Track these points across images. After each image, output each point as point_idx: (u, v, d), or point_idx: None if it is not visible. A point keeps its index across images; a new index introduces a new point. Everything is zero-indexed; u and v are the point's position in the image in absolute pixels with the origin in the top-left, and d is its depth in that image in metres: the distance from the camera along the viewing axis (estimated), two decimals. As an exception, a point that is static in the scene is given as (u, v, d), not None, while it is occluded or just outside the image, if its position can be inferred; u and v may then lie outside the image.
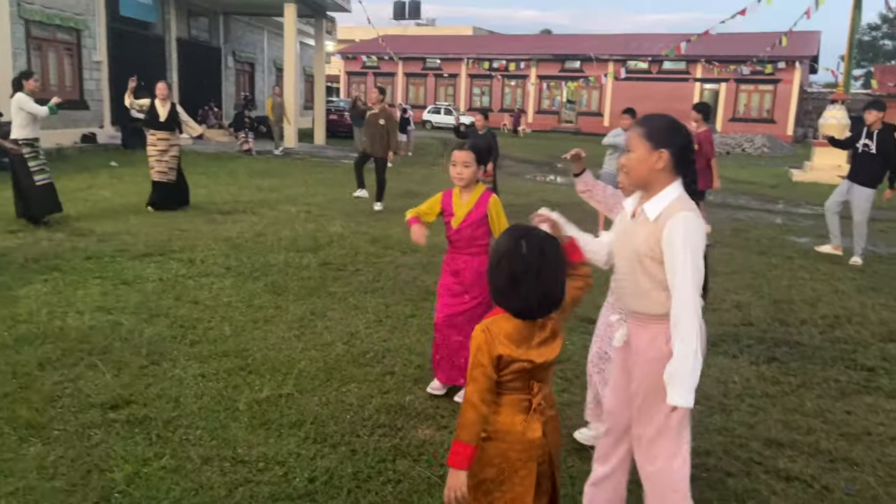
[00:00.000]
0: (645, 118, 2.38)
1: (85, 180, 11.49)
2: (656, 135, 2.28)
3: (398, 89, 45.74)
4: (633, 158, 2.32)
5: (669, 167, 2.27)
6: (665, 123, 2.32)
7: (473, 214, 3.65)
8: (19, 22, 14.60)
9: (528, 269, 1.91)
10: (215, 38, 24.73)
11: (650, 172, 2.28)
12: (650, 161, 2.27)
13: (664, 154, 2.26)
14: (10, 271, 5.92)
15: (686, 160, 2.32)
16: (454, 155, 3.63)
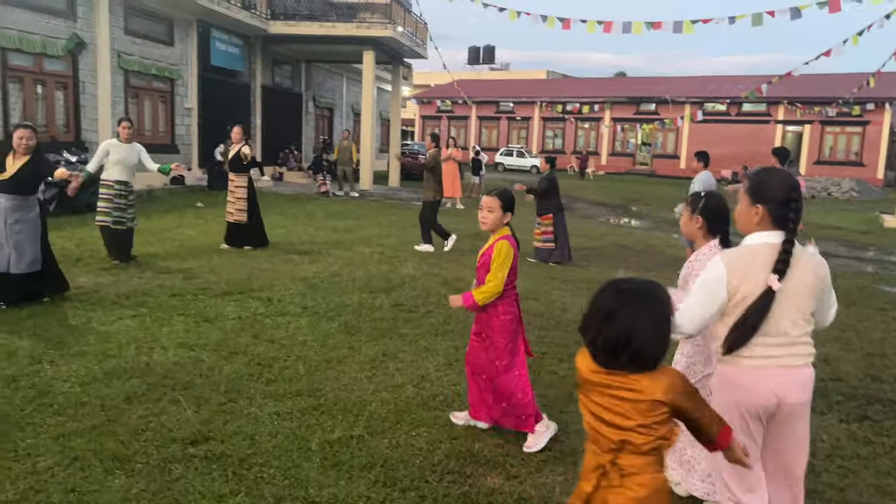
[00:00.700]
0: (753, 173, 2.59)
1: (173, 220, 12.08)
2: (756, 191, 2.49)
3: (471, 132, 46.37)
4: (738, 209, 2.57)
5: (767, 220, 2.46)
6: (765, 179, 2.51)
7: (485, 257, 3.78)
8: (119, 72, 15.68)
9: (600, 308, 1.90)
10: (297, 84, 25.83)
11: (748, 225, 2.52)
12: (749, 214, 2.50)
13: (759, 209, 2.47)
14: (102, 307, 6.26)
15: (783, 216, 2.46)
16: (482, 200, 3.77)
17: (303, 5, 22.68)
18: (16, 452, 3.46)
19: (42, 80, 13.57)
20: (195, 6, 17.57)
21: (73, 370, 4.60)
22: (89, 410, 3.98)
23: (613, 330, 1.89)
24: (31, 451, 3.47)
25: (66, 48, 13.91)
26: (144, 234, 10.38)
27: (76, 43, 14.14)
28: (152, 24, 16.98)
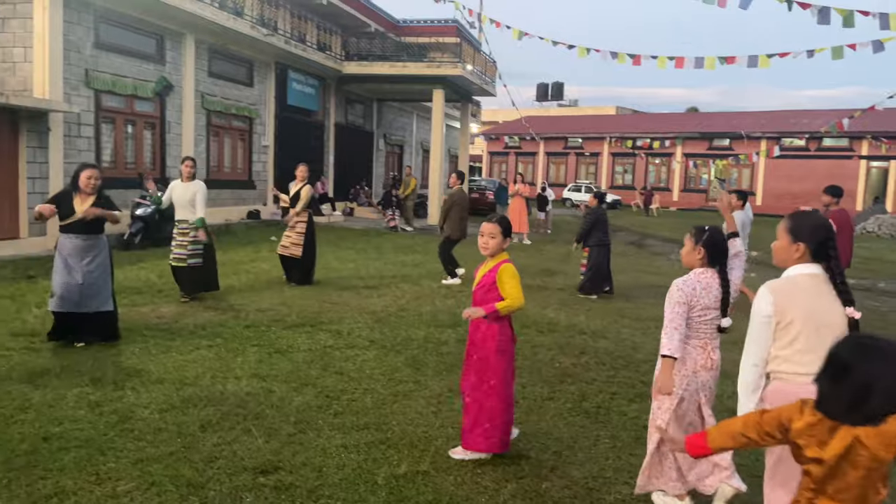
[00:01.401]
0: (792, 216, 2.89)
1: (248, 254, 12.50)
2: (797, 230, 2.81)
3: (539, 168, 46.38)
4: (777, 245, 2.87)
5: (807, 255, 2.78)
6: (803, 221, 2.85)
7: (487, 279, 3.97)
8: (202, 112, 16.49)
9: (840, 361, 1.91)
10: (369, 122, 26.53)
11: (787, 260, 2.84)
12: (790, 251, 2.82)
13: (801, 247, 2.79)
14: (181, 336, 6.51)
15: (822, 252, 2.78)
16: (483, 226, 3.99)
17: (375, 46, 23.39)
18: (97, 476, 3.61)
19: (132, 120, 14.40)
20: (274, 49, 18.39)
21: (152, 397, 4.79)
22: (166, 437, 4.13)
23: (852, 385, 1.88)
24: (112, 475, 3.62)
25: (155, 90, 14.74)
26: (221, 266, 10.74)
27: (164, 85, 14.98)
28: (234, 67, 17.84)
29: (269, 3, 18.58)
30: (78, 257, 6.02)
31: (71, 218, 6.00)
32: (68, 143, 12.45)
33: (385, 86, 23.53)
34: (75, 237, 6.04)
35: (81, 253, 6.05)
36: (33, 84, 11.86)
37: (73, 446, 3.94)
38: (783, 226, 2.86)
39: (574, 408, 4.99)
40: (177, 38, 15.32)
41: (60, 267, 5.99)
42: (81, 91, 12.80)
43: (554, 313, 8.46)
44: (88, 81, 12.93)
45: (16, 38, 11.91)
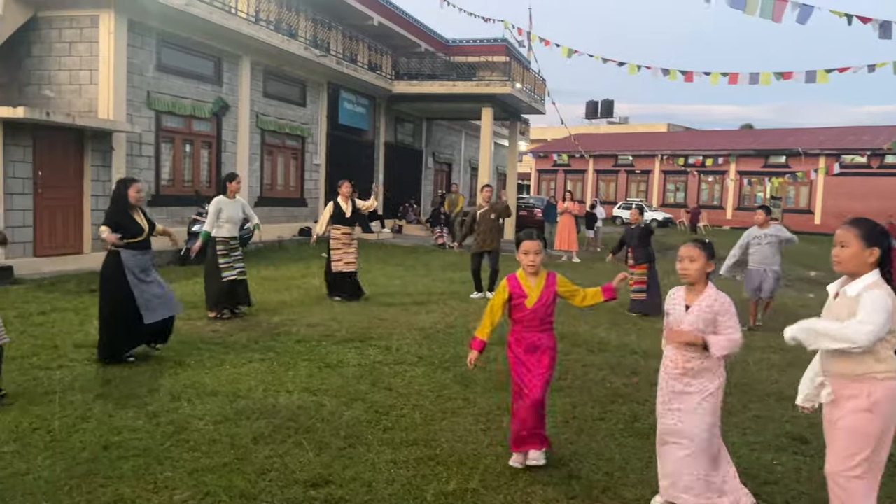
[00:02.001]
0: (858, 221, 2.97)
1: (300, 270, 12.71)
2: (871, 236, 2.91)
3: (588, 186, 46.03)
4: (848, 252, 2.93)
5: (876, 262, 2.90)
6: (879, 227, 2.96)
7: (546, 295, 4.04)
8: (256, 131, 16.92)
9: None
10: (418, 141, 26.80)
11: (861, 265, 2.91)
12: (864, 256, 2.90)
13: (875, 251, 2.89)
14: (235, 350, 6.64)
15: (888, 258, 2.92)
16: (526, 244, 4.07)
17: (425, 66, 23.68)
18: (155, 484, 3.70)
19: (190, 140, 14.87)
20: (326, 69, 18.78)
21: (207, 409, 4.90)
22: (220, 448, 4.21)
23: None
24: (169, 484, 3.70)
25: (212, 110, 15.21)
26: (273, 281, 10.98)
27: (221, 106, 15.44)
28: (287, 87, 18.28)
29: (322, 25, 19.02)
30: (144, 270, 6.23)
31: (142, 235, 6.19)
32: (130, 162, 12.91)
33: (434, 105, 23.77)
34: (141, 254, 6.22)
35: (146, 265, 6.28)
36: (98, 105, 12.37)
37: (132, 455, 4.05)
38: (853, 233, 2.91)
39: (626, 428, 4.90)
40: (233, 60, 15.79)
41: (137, 283, 6.12)
42: (143, 112, 13.29)
43: (605, 333, 8.35)
44: (150, 103, 13.42)
45: (82, 62, 12.46)
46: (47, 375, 5.60)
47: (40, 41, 12.64)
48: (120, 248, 6.11)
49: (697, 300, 3.45)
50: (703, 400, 3.42)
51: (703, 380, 3.43)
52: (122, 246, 6.10)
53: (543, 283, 4.07)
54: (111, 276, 6.15)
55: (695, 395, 3.43)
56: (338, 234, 10.01)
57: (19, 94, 12.73)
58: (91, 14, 12.30)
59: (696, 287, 3.48)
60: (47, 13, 12.51)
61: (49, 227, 11.34)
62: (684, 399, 3.45)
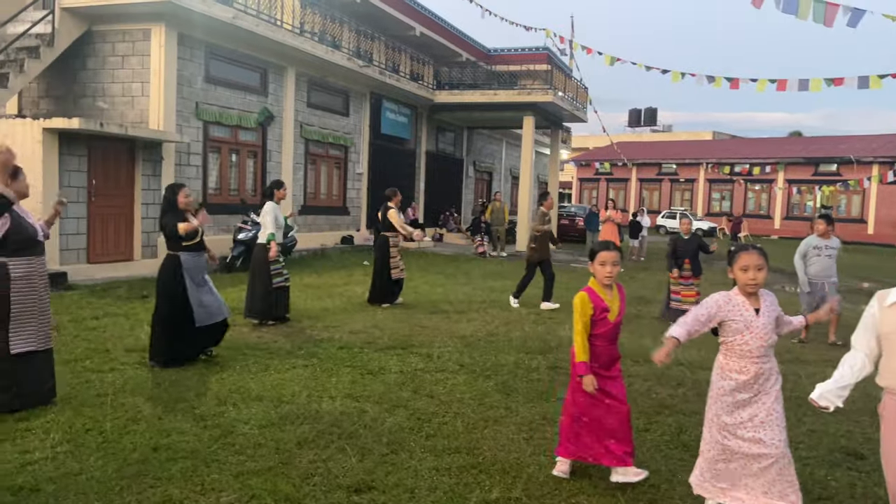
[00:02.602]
0: None
1: (342, 277, 12.83)
2: None
3: (630, 194, 45.49)
4: None
5: None
6: None
7: (623, 307, 4.04)
8: (301, 141, 17.18)
9: None
10: (459, 150, 26.87)
11: None
12: None
13: None
14: (279, 356, 6.73)
15: None
16: (603, 255, 3.95)
17: (466, 75, 23.77)
18: (202, 486, 3.76)
19: (236, 149, 15.18)
20: (369, 79, 18.99)
21: (252, 413, 4.97)
22: (265, 452, 4.26)
23: None
24: (216, 487, 3.76)
25: (258, 121, 15.50)
26: (316, 289, 11.10)
27: (266, 116, 15.73)
28: (331, 97, 18.53)
29: (365, 36, 19.26)
30: (200, 273, 6.39)
31: (197, 237, 6.36)
32: (178, 171, 13.24)
33: (475, 114, 23.82)
34: (197, 255, 6.41)
35: (203, 268, 6.45)
36: (149, 116, 12.73)
37: (180, 457, 4.13)
38: None
39: (672, 440, 4.81)
40: (279, 71, 16.09)
41: (194, 286, 6.27)
42: (191, 122, 13.62)
43: (650, 342, 8.20)
44: (198, 113, 13.75)
45: (134, 74, 12.84)
46: (99, 378, 5.75)
47: (94, 54, 13.07)
48: (175, 251, 6.30)
49: (760, 303, 3.47)
50: (775, 402, 3.43)
51: (772, 381, 3.47)
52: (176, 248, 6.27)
53: (618, 294, 4.04)
54: (169, 278, 6.31)
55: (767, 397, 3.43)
56: (396, 242, 10.33)
57: (74, 105, 13.18)
58: (143, 28, 12.68)
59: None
60: (101, 27, 12.94)
61: (101, 234, 11.68)
62: (756, 406, 3.42)
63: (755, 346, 3.42)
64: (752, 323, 3.42)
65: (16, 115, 12.76)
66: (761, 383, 3.44)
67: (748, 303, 3.47)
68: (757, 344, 3.42)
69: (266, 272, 8.27)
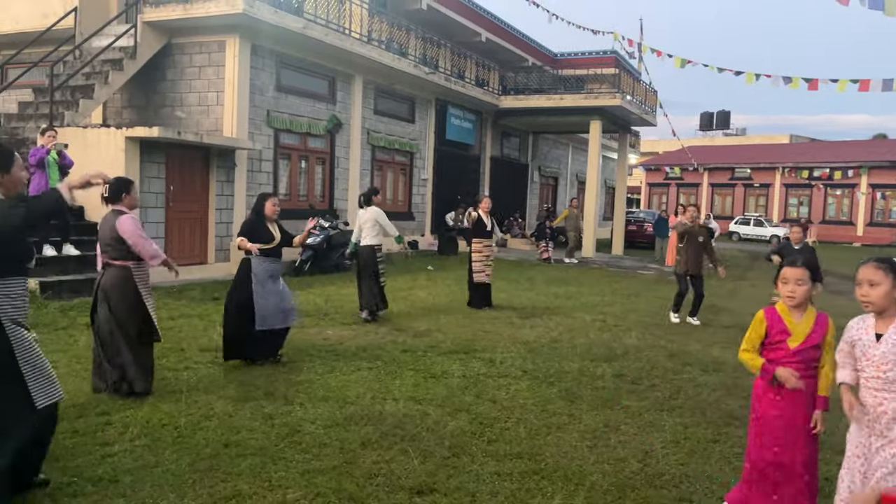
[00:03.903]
0: None
1: (407, 282, 12.96)
2: None
3: (702, 199, 44.27)
4: None
5: None
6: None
7: (815, 336, 3.33)
8: (367, 147, 17.47)
9: None
10: (524, 155, 26.76)
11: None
12: None
13: None
14: (344, 358, 6.86)
15: None
16: (786, 272, 3.37)
17: (532, 80, 23.69)
18: (269, 483, 3.87)
19: (305, 156, 15.55)
20: (435, 86, 19.15)
21: (318, 413, 5.08)
22: (330, 451, 4.35)
23: None
24: (282, 483, 3.86)
25: (326, 128, 15.85)
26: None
27: (335, 123, 16.07)
28: (397, 105, 18.78)
29: (431, 43, 19.44)
30: (272, 279, 6.57)
31: (272, 243, 6.55)
32: (250, 178, 13.66)
33: (541, 118, 23.69)
34: (271, 261, 6.59)
35: (276, 274, 6.63)
36: (223, 124, 13.19)
37: (249, 454, 4.26)
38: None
39: (742, 452, 4.64)
40: (346, 79, 16.41)
41: (260, 290, 6.46)
42: (263, 130, 14.04)
43: (719, 352, 7.98)
44: (269, 121, 14.16)
45: (210, 84, 13.34)
46: (175, 376, 5.99)
47: (173, 66, 13.65)
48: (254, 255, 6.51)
49: (889, 328, 2.97)
50: None
51: None
52: (257, 253, 6.48)
53: (813, 321, 3.37)
54: (240, 280, 6.55)
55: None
56: (479, 247, 10.55)
57: (154, 115, 13.79)
58: (218, 39, 13.17)
59: (887, 312, 2.99)
60: (180, 40, 13.51)
61: (178, 238, 12.16)
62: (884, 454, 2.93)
63: (870, 376, 2.98)
64: (871, 349, 2.99)
65: (101, 124, 13.44)
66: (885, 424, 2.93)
67: (874, 326, 3.03)
68: (872, 374, 2.97)
69: (375, 271, 9.04)
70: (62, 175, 9.80)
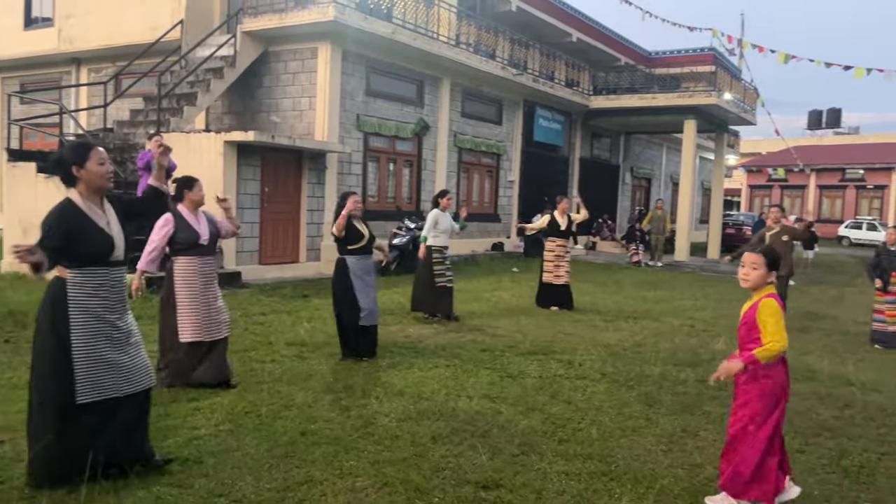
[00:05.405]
0: None
1: (490, 283, 12.99)
2: None
3: (808, 202, 41.93)
4: None
5: None
6: None
7: (748, 315, 3.66)
8: (454, 150, 17.62)
9: None
10: (615, 156, 26.22)
11: None
12: None
13: None
14: (423, 355, 6.96)
15: None
16: (744, 256, 3.72)
17: (624, 79, 23.19)
18: (340, 471, 4.00)
19: (394, 159, 15.87)
20: (523, 87, 19.10)
21: (393, 407, 5.19)
22: (401, 444, 4.44)
23: None
24: (352, 472, 3.98)
25: (414, 131, 16.12)
26: (465, 293, 11.30)
27: (422, 126, 16.32)
28: (484, 106, 18.85)
29: (520, 45, 19.40)
30: (368, 275, 6.77)
31: (363, 241, 6.74)
32: (340, 180, 14.08)
33: (632, 118, 23.15)
34: (364, 258, 6.78)
35: (370, 271, 6.82)
36: (315, 128, 13.66)
37: (324, 442, 4.41)
38: None
39: (830, 464, 4.41)
40: (434, 82, 16.63)
41: (360, 286, 6.65)
42: (353, 133, 14.44)
43: (815, 360, 7.57)
44: (359, 125, 14.55)
45: (303, 90, 13.85)
46: (261, 367, 6.27)
47: (269, 73, 14.27)
48: (343, 254, 6.72)
49: None
50: None
51: None
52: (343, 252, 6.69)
53: (752, 303, 3.66)
54: (338, 281, 6.74)
55: None
56: (552, 247, 10.46)
57: (252, 120, 14.45)
58: (311, 46, 13.66)
59: None
60: (276, 48, 14.10)
61: (272, 238, 12.69)
62: None
63: None
64: None
65: (203, 129, 14.22)
66: None
67: None
68: None
69: (429, 272, 8.89)
70: (166, 177, 10.44)
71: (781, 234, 9.82)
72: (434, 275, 8.90)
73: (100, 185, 3.66)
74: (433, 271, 8.90)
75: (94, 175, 3.62)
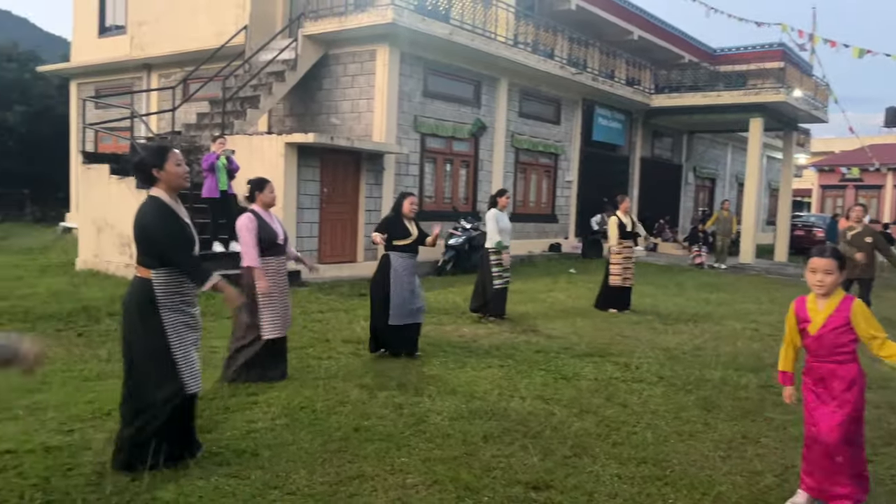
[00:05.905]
0: None
1: (546, 284, 12.88)
2: None
3: (885, 203, 40.03)
4: None
5: None
6: None
7: (834, 320, 3.56)
8: (511, 150, 17.54)
9: None
10: (677, 155, 25.61)
11: None
12: None
13: None
14: (476, 355, 6.96)
15: None
16: (813, 262, 3.61)
17: (687, 77, 22.63)
18: (392, 467, 4.04)
19: (450, 159, 15.91)
20: (582, 87, 18.86)
21: (445, 405, 5.21)
22: (452, 442, 4.45)
23: None
24: (403, 469, 4.02)
25: (471, 131, 16.12)
26: (520, 294, 11.25)
27: (479, 127, 16.31)
28: (542, 106, 18.69)
29: (579, 43, 19.17)
30: (410, 274, 6.82)
31: (408, 239, 6.81)
32: (397, 180, 14.20)
33: (696, 117, 22.56)
34: (408, 256, 6.85)
35: (412, 269, 6.87)
36: (373, 130, 13.83)
37: (377, 439, 4.47)
38: None
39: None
40: (491, 83, 16.60)
41: (398, 284, 6.72)
42: (410, 134, 14.55)
43: (889, 369, 7.21)
44: (416, 126, 14.65)
45: (362, 92, 14.04)
46: (318, 364, 6.39)
47: (329, 75, 14.51)
48: (389, 250, 6.81)
49: None
50: None
51: None
52: (389, 248, 6.78)
53: (835, 306, 3.57)
54: (381, 275, 6.85)
55: None
56: (618, 248, 10.22)
57: (312, 122, 14.73)
58: (370, 49, 13.83)
59: None
60: (336, 51, 14.34)
61: (330, 237, 12.90)
62: None
63: None
64: None
65: (265, 131, 14.57)
66: None
67: None
68: None
69: (488, 273, 8.90)
70: (230, 178, 10.78)
71: (864, 236, 9.39)
72: (493, 276, 8.89)
73: (178, 184, 3.87)
74: (492, 273, 8.90)
75: (172, 175, 3.83)
